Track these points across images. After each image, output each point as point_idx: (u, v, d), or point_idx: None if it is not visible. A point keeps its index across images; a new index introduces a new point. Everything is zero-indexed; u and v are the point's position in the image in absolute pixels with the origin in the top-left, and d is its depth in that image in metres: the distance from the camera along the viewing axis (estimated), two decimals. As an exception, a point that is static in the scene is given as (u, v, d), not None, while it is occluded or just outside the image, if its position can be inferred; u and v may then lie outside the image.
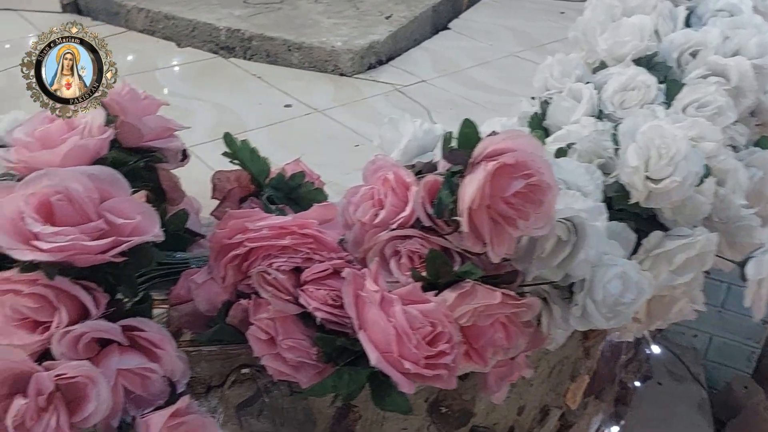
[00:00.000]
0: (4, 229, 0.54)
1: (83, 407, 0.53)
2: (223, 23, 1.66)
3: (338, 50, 1.48)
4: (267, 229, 0.62)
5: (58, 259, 0.53)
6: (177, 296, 0.64)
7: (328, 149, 1.12)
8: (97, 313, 0.56)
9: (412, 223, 0.65)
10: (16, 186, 0.56)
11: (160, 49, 1.64)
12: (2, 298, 0.54)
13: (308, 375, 0.62)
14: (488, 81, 1.43)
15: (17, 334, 0.54)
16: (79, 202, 0.55)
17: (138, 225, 0.57)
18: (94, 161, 0.61)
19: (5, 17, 1.85)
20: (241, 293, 0.64)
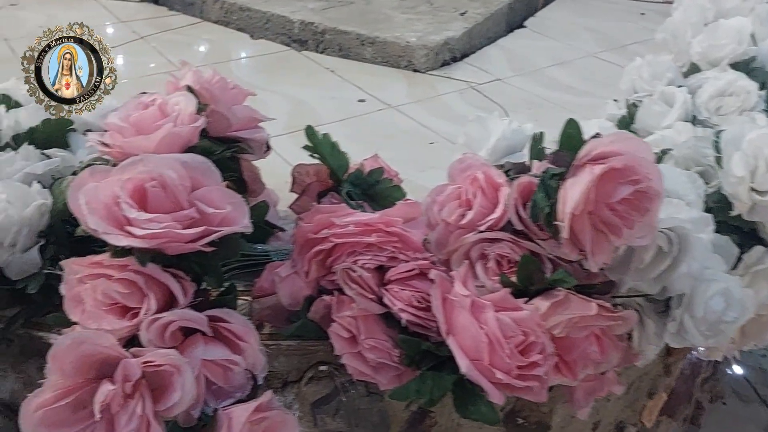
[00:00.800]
0: (99, 213, 0.54)
1: (168, 396, 0.53)
2: (297, 16, 1.67)
3: (413, 46, 1.46)
4: (353, 226, 0.61)
5: (152, 246, 0.53)
6: (260, 289, 0.64)
7: (402, 145, 1.10)
8: (184, 302, 0.56)
9: (502, 226, 0.63)
10: (112, 171, 0.56)
11: (233, 40, 1.66)
12: (94, 282, 0.55)
13: (388, 377, 0.61)
14: (567, 81, 1.39)
15: (107, 319, 0.55)
16: (172, 190, 0.55)
17: (228, 215, 0.57)
18: (185, 149, 0.61)
19: (85, 5, 1.91)
20: (323, 289, 0.63)
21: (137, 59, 1.51)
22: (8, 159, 0.71)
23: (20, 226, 0.62)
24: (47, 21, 1.76)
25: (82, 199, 0.54)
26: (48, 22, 1.75)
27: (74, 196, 0.55)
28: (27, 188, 0.65)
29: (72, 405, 0.53)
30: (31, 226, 0.63)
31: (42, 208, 0.64)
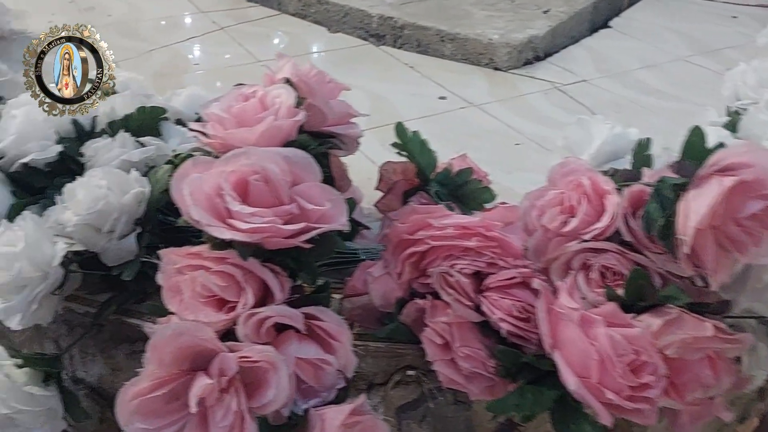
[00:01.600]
0: (202, 204, 0.54)
1: (262, 393, 0.53)
2: (375, 10, 1.66)
3: (495, 43, 1.43)
4: (452, 228, 0.59)
5: (254, 240, 0.53)
6: (352, 288, 0.63)
7: (486, 145, 1.08)
8: (281, 297, 0.55)
9: (608, 236, 0.60)
10: (215, 162, 0.56)
11: (311, 33, 1.66)
12: (193, 273, 0.55)
13: (480, 387, 0.59)
14: (656, 85, 1.34)
15: (204, 311, 0.55)
16: (274, 184, 0.54)
17: (326, 212, 0.56)
18: (284, 143, 0.61)
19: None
20: (415, 291, 0.62)
21: (216, 50, 1.53)
22: (106, 145, 0.72)
23: (119, 213, 0.63)
24: (129, 10, 1.81)
25: (186, 189, 0.54)
26: (130, 12, 1.80)
27: (178, 186, 0.55)
28: (126, 175, 0.66)
29: (167, 396, 0.53)
30: (129, 214, 0.64)
31: (140, 196, 0.64)
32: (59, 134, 0.73)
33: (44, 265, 0.59)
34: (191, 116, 0.86)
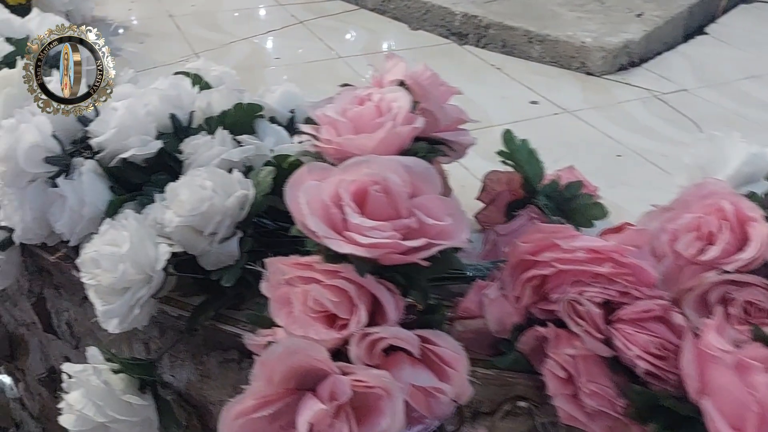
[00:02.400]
0: (318, 214, 0.51)
1: (374, 421, 0.49)
2: (458, 8, 1.61)
3: (589, 47, 1.37)
4: (582, 252, 0.54)
5: (373, 256, 0.49)
6: (466, 309, 0.59)
7: (585, 156, 1.02)
8: (395, 318, 0.52)
9: (754, 269, 0.55)
10: (332, 170, 0.53)
11: (391, 29, 1.63)
12: (306, 286, 0.52)
13: (603, 426, 0.55)
14: (763, 97, 1.25)
15: (314, 327, 0.51)
16: (395, 196, 0.51)
17: (446, 228, 0.52)
18: (401, 151, 0.57)
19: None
20: (534, 317, 0.58)
21: (296, 43, 1.51)
22: (206, 143, 0.70)
23: (222, 216, 0.60)
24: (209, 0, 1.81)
25: (302, 198, 0.51)
26: (210, 2, 1.80)
27: (293, 193, 0.52)
28: (230, 177, 0.63)
29: (272, 416, 0.50)
30: (232, 217, 0.61)
31: (243, 199, 0.62)
32: (158, 129, 0.71)
33: (148, 268, 0.57)
34: (285, 114, 0.84)
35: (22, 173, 0.65)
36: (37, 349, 0.89)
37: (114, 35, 1.51)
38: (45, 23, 0.98)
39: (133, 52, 1.42)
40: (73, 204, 0.65)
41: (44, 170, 0.67)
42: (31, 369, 0.95)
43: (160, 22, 1.62)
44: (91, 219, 0.65)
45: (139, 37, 1.51)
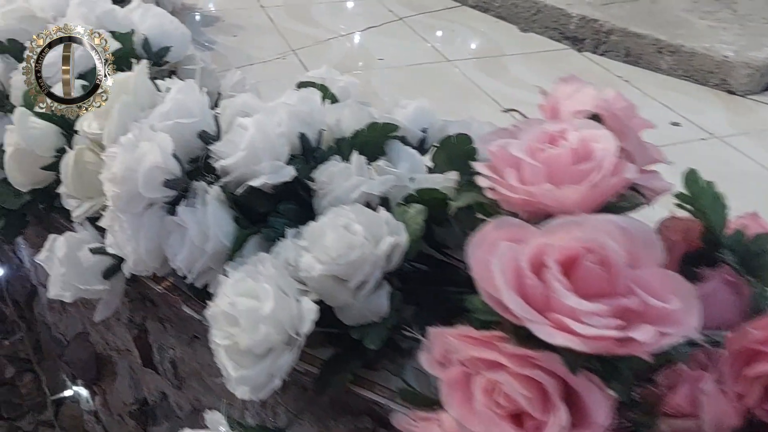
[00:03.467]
0: (512, 285, 0.41)
1: None
2: (575, 9, 1.49)
3: (732, 62, 1.23)
4: (838, 349, 0.43)
5: (594, 350, 0.39)
6: (676, 406, 0.48)
7: (745, 193, 0.90)
8: (604, 423, 0.42)
9: None
10: (529, 229, 0.43)
11: (499, 30, 1.52)
12: (492, 374, 0.42)
13: None
14: None
15: (500, 427, 0.42)
16: (614, 268, 0.41)
17: (673, 312, 0.42)
18: (604, 207, 0.47)
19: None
20: (756, 419, 0.47)
21: (398, 43, 1.41)
22: (342, 171, 0.61)
23: (372, 266, 0.51)
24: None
25: (496, 265, 0.41)
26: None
27: (482, 257, 0.42)
28: (378, 218, 0.54)
29: None
30: (382, 267, 0.52)
31: (395, 246, 0.53)
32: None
33: (290, 329, 0.49)
34: (417, 134, 0.75)
35: (138, 198, 0.58)
36: (127, 374, 0.83)
37: (206, 26, 1.45)
38: (148, 16, 0.91)
39: (227, 45, 1.35)
40: (195, 237, 0.57)
41: (162, 195, 0.59)
42: (117, 392, 0.88)
43: (252, 13, 1.55)
44: (214, 254, 0.58)
45: (231, 29, 1.44)
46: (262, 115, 0.61)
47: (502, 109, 0.77)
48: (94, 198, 0.66)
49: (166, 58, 0.91)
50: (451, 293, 0.56)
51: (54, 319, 1.03)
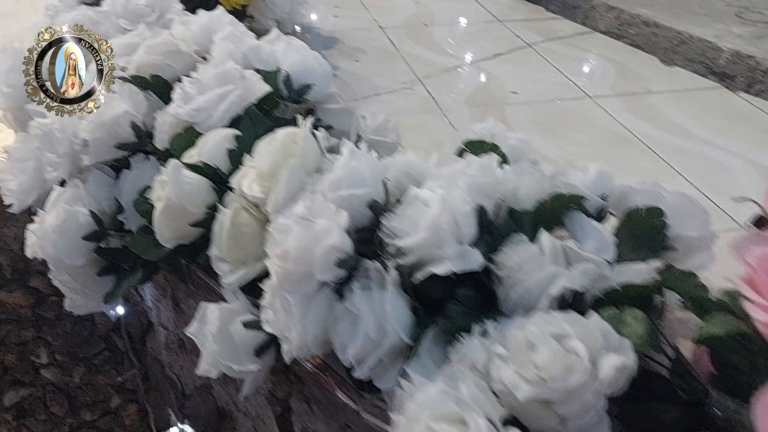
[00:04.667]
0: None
1: None
2: (726, 43, 1.37)
3: None
4: None
5: None
6: None
7: None
8: None
9: None
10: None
11: (639, 62, 1.41)
12: None
13: None
14: None
15: None
16: None
17: None
18: None
19: None
20: None
21: (531, 74, 1.33)
22: (534, 258, 0.54)
23: (596, 396, 0.44)
24: (417, 9, 1.67)
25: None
26: (419, 11, 1.67)
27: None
28: (594, 328, 0.47)
29: None
30: (604, 395, 0.45)
31: (623, 369, 0.45)
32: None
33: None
34: (596, 203, 0.67)
35: (310, 279, 0.52)
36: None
37: (327, 48, 1.41)
38: (291, 51, 0.87)
39: (350, 72, 1.30)
40: (371, 329, 0.51)
41: (334, 276, 0.53)
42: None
43: (372, 34, 1.50)
44: (390, 349, 0.52)
45: (353, 53, 1.39)
46: (445, 191, 0.55)
47: (733, 198, 0.67)
48: (248, 264, 0.61)
49: (307, 96, 0.87)
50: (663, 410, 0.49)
51: (169, 359, 1.00)
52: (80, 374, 1.13)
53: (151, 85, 0.79)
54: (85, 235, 0.72)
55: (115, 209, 0.76)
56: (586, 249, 0.58)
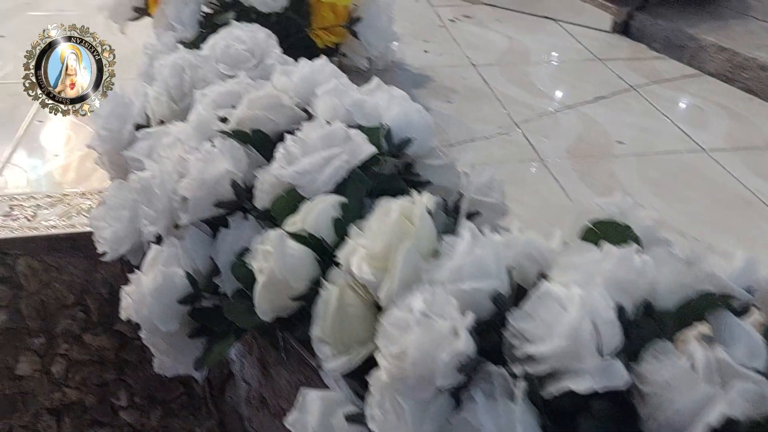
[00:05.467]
0: None
1: None
2: None
3: None
4: None
5: None
6: None
7: None
8: None
9: None
10: None
11: (755, 110, 1.32)
12: None
13: None
14: None
15: None
16: None
17: None
18: None
19: (548, 28, 1.73)
20: None
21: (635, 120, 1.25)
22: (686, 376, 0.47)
23: None
24: (510, 44, 1.62)
25: None
26: (512, 46, 1.61)
27: None
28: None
29: None
30: None
31: None
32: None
33: None
34: (743, 298, 0.60)
35: (428, 384, 0.48)
36: None
37: (417, 86, 1.37)
38: (393, 104, 0.83)
39: (443, 114, 1.26)
40: (497, 447, 0.46)
41: (454, 381, 0.48)
42: None
43: (465, 72, 1.45)
44: (517, 473, 0.46)
45: (445, 92, 1.35)
46: (583, 289, 0.49)
47: None
48: (353, 350, 0.57)
49: (407, 150, 0.83)
50: None
51: (249, 413, 0.97)
52: (157, 417, 1.12)
53: (252, 140, 0.77)
54: (181, 298, 0.69)
55: (210, 269, 0.73)
56: (736, 356, 0.51)
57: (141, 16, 1.22)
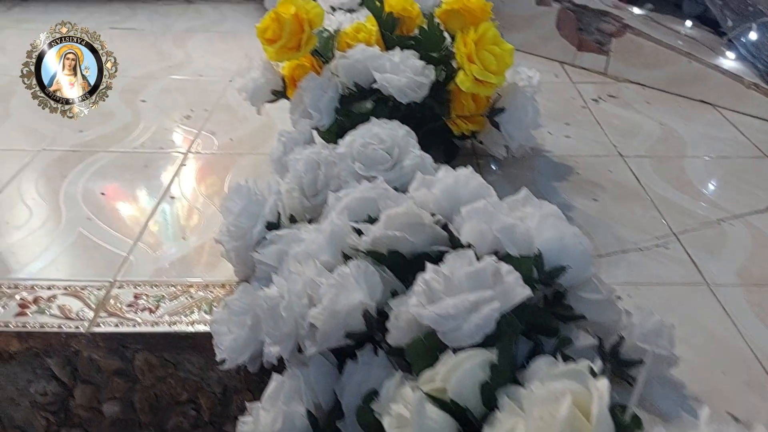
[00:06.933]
0: None
1: None
2: None
3: None
4: None
5: None
6: None
7: None
8: None
9: None
10: None
11: None
12: None
13: None
14: None
15: None
16: None
17: None
18: None
19: (704, 113, 1.59)
20: None
21: None
22: None
23: None
24: (663, 132, 1.50)
25: None
26: (664, 134, 1.49)
27: None
28: None
29: None
30: None
31: None
32: None
33: None
34: None
35: None
36: None
37: (558, 179, 1.28)
38: (546, 226, 0.75)
39: (586, 214, 1.16)
40: None
41: None
42: None
43: (611, 164, 1.34)
44: None
45: (589, 187, 1.25)
46: None
47: None
48: None
49: (560, 280, 0.74)
50: None
51: None
52: None
53: (388, 261, 0.71)
54: (300, 442, 0.64)
55: (332, 405, 0.67)
56: None
57: (278, 99, 1.22)
